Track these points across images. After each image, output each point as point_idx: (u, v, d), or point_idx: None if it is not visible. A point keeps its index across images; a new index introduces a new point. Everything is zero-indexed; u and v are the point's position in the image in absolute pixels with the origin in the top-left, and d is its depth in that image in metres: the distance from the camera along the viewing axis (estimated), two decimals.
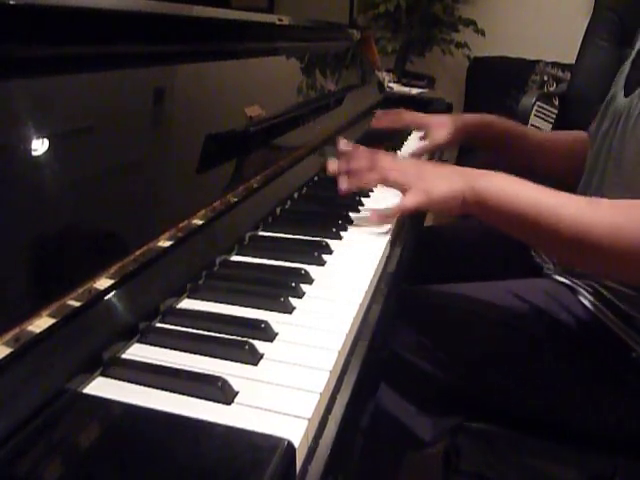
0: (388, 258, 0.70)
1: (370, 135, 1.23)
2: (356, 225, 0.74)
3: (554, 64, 2.69)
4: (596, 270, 0.70)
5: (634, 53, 0.80)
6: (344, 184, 0.75)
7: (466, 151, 2.32)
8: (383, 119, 1.10)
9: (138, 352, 0.46)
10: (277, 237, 0.71)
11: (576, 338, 0.72)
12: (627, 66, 0.80)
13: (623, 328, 0.70)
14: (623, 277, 0.68)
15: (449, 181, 0.70)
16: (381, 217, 0.72)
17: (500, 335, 0.74)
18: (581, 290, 0.75)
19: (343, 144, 0.80)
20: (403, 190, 0.72)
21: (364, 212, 0.79)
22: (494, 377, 0.74)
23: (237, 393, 0.41)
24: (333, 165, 0.78)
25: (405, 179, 0.72)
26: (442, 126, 1.03)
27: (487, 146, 1.09)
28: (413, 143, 1.36)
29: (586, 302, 0.74)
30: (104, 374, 0.43)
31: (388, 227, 0.73)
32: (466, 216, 0.72)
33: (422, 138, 1.08)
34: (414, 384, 0.78)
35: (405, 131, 1.41)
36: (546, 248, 0.71)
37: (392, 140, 1.23)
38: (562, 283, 0.78)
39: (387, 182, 0.73)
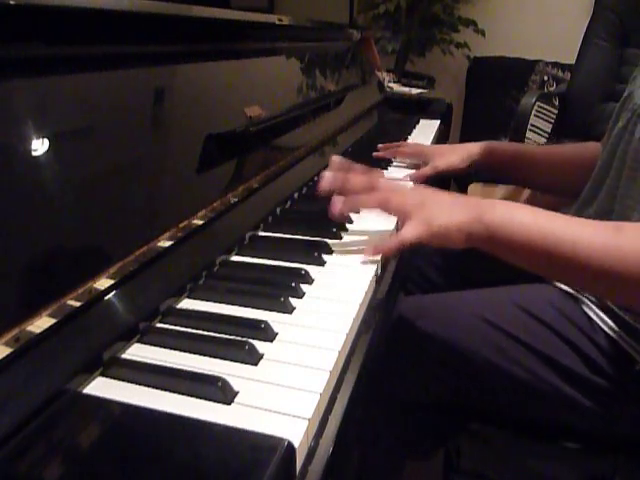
0: (389, 257, 0.70)
1: (374, 131, 1.23)
2: (356, 225, 0.74)
3: (554, 64, 2.69)
4: (627, 301, 0.65)
5: None
6: (337, 205, 0.67)
7: None
8: (386, 151, 1.10)
9: (138, 352, 0.46)
10: (277, 237, 0.71)
11: (580, 350, 0.72)
12: None
13: (628, 341, 0.69)
14: None
15: (452, 212, 0.64)
16: (377, 251, 0.65)
17: (502, 346, 0.73)
18: (585, 300, 0.74)
19: (337, 161, 0.73)
20: (404, 219, 0.66)
21: (364, 212, 0.78)
22: (494, 386, 0.73)
23: (237, 393, 0.41)
24: (325, 182, 0.69)
25: (406, 206, 0.65)
26: (444, 155, 1.03)
27: (493, 172, 1.08)
28: (419, 131, 1.37)
29: (590, 313, 0.73)
30: (104, 374, 0.43)
31: (389, 227, 0.73)
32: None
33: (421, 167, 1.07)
34: (413, 394, 0.78)
35: (411, 123, 1.42)
36: (571, 281, 0.64)
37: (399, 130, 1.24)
38: (566, 292, 0.77)
39: (388, 208, 0.66)
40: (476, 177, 2.22)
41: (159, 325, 0.50)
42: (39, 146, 0.45)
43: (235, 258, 0.65)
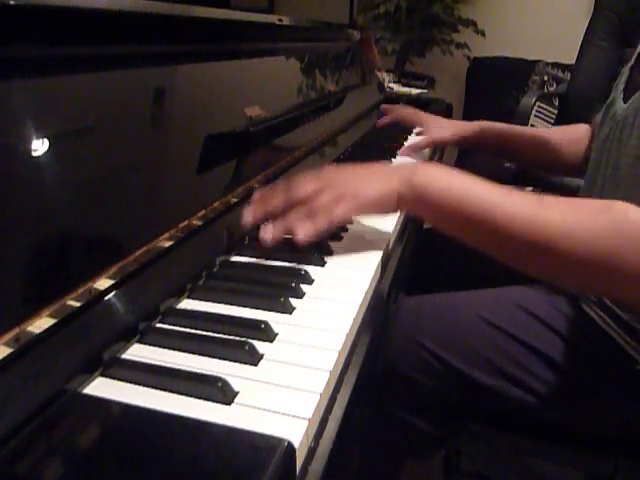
0: (389, 258, 0.70)
1: (374, 132, 1.24)
2: (356, 225, 0.74)
3: (554, 64, 2.70)
4: (550, 276, 0.64)
5: (634, 58, 0.78)
6: (266, 234, 0.62)
7: (465, 151, 2.32)
8: (386, 118, 1.20)
9: (138, 352, 0.46)
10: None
11: (578, 348, 0.72)
12: (627, 71, 0.79)
13: (626, 339, 0.70)
14: (580, 285, 0.64)
15: (380, 181, 0.64)
16: (307, 236, 0.61)
17: (501, 346, 0.73)
18: (584, 299, 0.75)
19: (256, 194, 0.68)
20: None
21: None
22: (494, 386, 0.73)
23: (237, 393, 0.41)
24: (248, 216, 0.64)
25: (332, 196, 0.62)
26: (439, 126, 1.12)
27: (483, 150, 1.17)
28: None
29: (589, 311, 0.73)
30: (104, 374, 0.43)
31: (390, 228, 0.73)
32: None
33: (419, 134, 1.18)
34: (413, 393, 0.78)
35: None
36: (494, 250, 0.61)
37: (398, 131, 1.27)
38: (565, 292, 0.77)
39: (315, 212, 0.62)
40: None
41: (159, 325, 0.50)
42: (39, 146, 0.45)
43: (235, 258, 0.65)
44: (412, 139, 1.28)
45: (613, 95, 0.79)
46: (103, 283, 0.46)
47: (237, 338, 0.48)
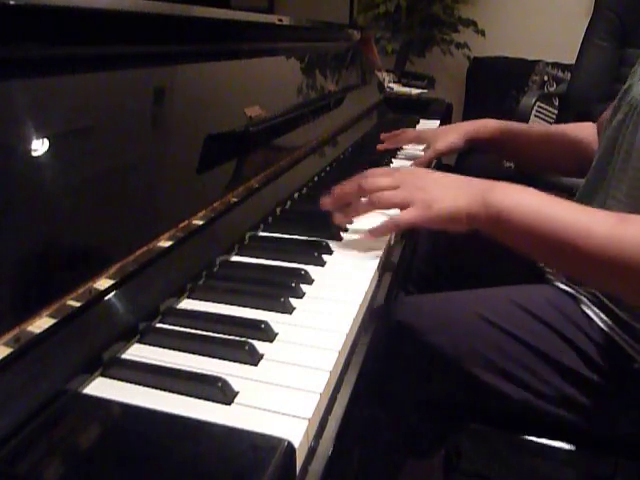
0: (389, 258, 0.70)
1: (374, 132, 1.24)
2: (356, 225, 0.74)
3: (554, 64, 2.69)
4: (627, 295, 0.63)
5: None
6: (338, 219, 0.70)
7: (465, 153, 2.32)
8: (388, 141, 1.15)
9: (138, 352, 0.46)
10: (277, 237, 0.71)
11: (578, 347, 0.72)
12: None
13: (625, 339, 0.70)
14: None
15: (453, 195, 0.63)
16: (373, 234, 0.67)
17: (500, 345, 0.73)
18: (583, 299, 0.74)
19: (335, 188, 0.73)
20: (404, 207, 0.65)
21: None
22: (494, 385, 0.73)
23: (237, 393, 0.41)
24: (325, 203, 0.72)
25: (402, 195, 0.64)
26: (443, 136, 1.07)
27: (487, 147, 1.12)
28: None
29: (588, 311, 0.73)
30: (104, 374, 0.43)
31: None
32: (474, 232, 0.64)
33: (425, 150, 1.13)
34: (413, 393, 0.78)
35: (411, 123, 1.43)
36: (571, 270, 0.61)
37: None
38: (564, 291, 0.77)
39: (382, 206, 0.66)
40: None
41: (159, 325, 0.50)
42: (39, 146, 0.45)
43: (235, 258, 0.65)
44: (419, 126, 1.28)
45: (629, 82, 0.77)
46: (103, 283, 0.46)
47: (237, 338, 0.48)
